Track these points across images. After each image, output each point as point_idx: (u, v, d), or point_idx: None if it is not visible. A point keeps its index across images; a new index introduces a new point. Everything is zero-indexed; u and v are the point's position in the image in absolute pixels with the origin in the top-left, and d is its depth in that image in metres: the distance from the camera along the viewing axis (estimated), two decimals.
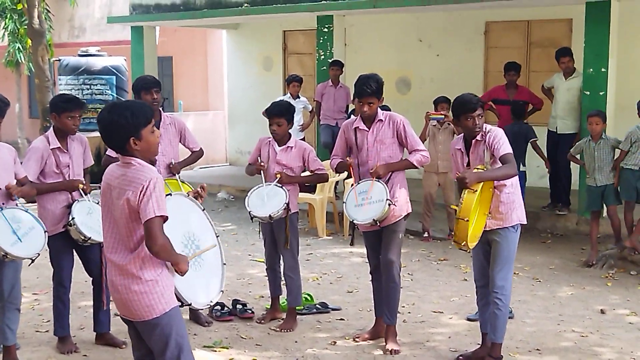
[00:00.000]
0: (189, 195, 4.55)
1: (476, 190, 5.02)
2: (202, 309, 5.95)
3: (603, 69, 9.93)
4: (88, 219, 5.53)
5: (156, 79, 6.67)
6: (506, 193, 5.40)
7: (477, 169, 5.18)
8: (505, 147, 5.29)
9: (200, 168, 15.66)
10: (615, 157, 8.48)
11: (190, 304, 4.08)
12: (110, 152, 6.25)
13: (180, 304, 3.98)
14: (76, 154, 5.83)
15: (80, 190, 5.70)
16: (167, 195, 4.49)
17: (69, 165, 5.72)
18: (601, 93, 9.91)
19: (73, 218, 5.49)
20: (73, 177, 5.74)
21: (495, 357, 5.47)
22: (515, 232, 5.48)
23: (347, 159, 5.97)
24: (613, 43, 10.04)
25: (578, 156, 8.74)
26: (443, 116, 9.20)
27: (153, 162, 6.23)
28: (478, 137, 5.39)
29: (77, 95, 14.00)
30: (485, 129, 5.39)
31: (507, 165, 5.23)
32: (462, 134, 5.54)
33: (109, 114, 3.82)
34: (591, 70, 9.99)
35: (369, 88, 5.72)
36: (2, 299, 5.42)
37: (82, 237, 5.52)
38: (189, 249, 4.18)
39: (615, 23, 10.04)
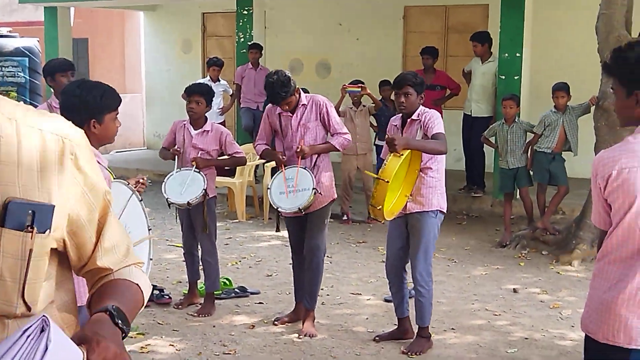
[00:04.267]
0: (129, 184, 4.46)
1: (402, 155, 5.03)
2: None
3: (518, 54, 10.16)
4: None
5: (71, 62, 6.48)
6: (430, 177, 5.45)
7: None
8: (438, 127, 5.33)
9: (117, 152, 15.37)
10: (527, 141, 8.70)
11: None
12: None
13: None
14: None
15: None
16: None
17: None
18: (516, 77, 10.14)
19: None
20: None
21: (425, 336, 5.59)
22: (435, 218, 5.53)
23: (282, 157, 5.88)
24: (527, 29, 10.27)
25: (492, 139, 8.92)
26: (359, 89, 9.24)
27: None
28: (414, 117, 5.43)
29: None
30: (422, 110, 5.44)
31: (438, 141, 5.27)
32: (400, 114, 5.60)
33: (78, 89, 3.71)
34: (506, 55, 10.20)
35: (282, 92, 5.64)
36: None
37: None
38: None
39: (529, 9, 10.28)
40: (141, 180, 4.51)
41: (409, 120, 5.47)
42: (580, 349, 3.34)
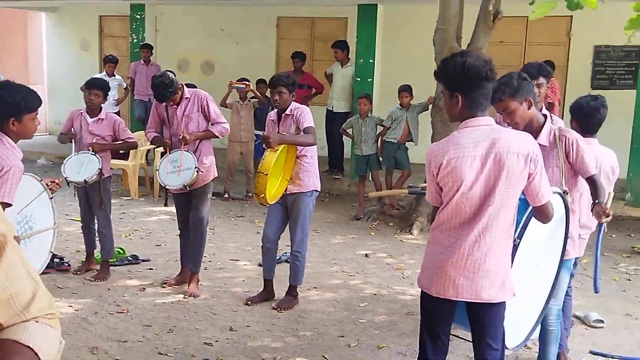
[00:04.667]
0: (42, 180, 4.26)
1: (277, 150, 5.05)
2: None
3: (371, 60, 10.37)
4: None
5: None
6: (306, 162, 5.46)
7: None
8: (309, 121, 5.34)
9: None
10: (377, 132, 8.91)
11: None
12: None
13: None
14: None
15: None
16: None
17: None
18: (369, 80, 10.35)
19: None
20: None
21: (293, 295, 5.64)
22: (311, 197, 5.55)
23: (165, 140, 5.81)
24: (379, 39, 10.50)
25: (350, 131, 9.07)
26: (244, 86, 9.20)
27: None
28: (288, 112, 5.41)
29: None
30: (295, 106, 5.42)
31: (307, 135, 5.30)
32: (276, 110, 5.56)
33: (1, 90, 3.57)
34: (361, 60, 10.39)
35: (167, 92, 5.58)
36: None
37: None
38: (22, 227, 3.92)
39: (381, 23, 10.50)
40: (56, 181, 4.40)
41: (283, 115, 5.46)
42: (418, 302, 3.45)
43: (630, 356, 4.79)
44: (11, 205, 3.48)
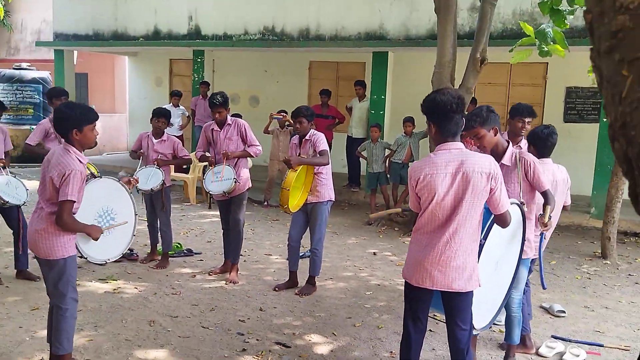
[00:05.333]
0: (120, 180, 4.35)
1: (297, 170, 5.12)
2: (98, 264, 5.74)
3: (383, 96, 10.40)
4: (6, 188, 5.17)
5: (65, 90, 6.26)
6: (322, 178, 5.50)
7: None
8: (323, 145, 5.39)
9: (107, 154, 14.96)
10: (386, 154, 8.93)
11: (86, 258, 3.88)
12: (29, 140, 5.87)
13: (80, 255, 3.80)
14: None
15: (1, 167, 5.31)
16: (97, 176, 4.27)
17: None
18: (381, 112, 10.38)
19: None
20: None
21: (312, 283, 5.66)
22: (326, 205, 5.58)
23: (209, 156, 5.89)
24: (390, 80, 10.53)
25: (364, 153, 9.11)
26: (281, 116, 9.27)
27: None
28: (307, 137, 5.46)
29: (10, 99, 13.07)
30: (312, 132, 5.47)
31: (322, 157, 5.34)
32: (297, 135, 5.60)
33: (66, 107, 3.60)
34: (375, 96, 10.43)
35: (217, 101, 5.68)
36: None
37: (2, 201, 5.15)
38: (104, 219, 3.99)
39: (391, 66, 10.54)
40: (132, 180, 4.49)
41: (303, 140, 5.52)
42: None
43: (585, 340, 4.72)
44: (75, 202, 3.48)
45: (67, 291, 3.68)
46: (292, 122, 9.42)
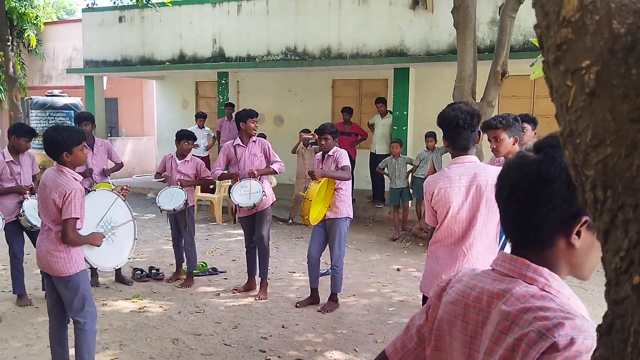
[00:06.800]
0: (113, 190, 4.48)
1: (320, 182, 5.18)
2: (109, 271, 5.90)
3: (405, 112, 10.42)
4: (34, 212, 5.33)
5: (91, 115, 6.46)
6: (341, 194, 5.53)
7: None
8: (345, 161, 5.43)
9: (137, 176, 15.26)
10: (408, 170, 8.91)
11: (96, 268, 4.01)
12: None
13: (89, 267, 3.91)
14: (26, 165, 5.59)
15: (28, 192, 5.48)
16: (92, 190, 4.42)
17: (20, 173, 5.49)
18: (404, 127, 10.39)
19: (23, 211, 5.30)
20: (24, 182, 5.50)
21: (334, 300, 5.67)
22: (345, 222, 5.59)
23: (232, 173, 5.99)
24: (411, 96, 10.55)
25: (385, 169, 9.09)
26: (310, 136, 9.36)
27: (90, 170, 6.10)
28: (330, 153, 5.52)
29: (43, 125, 13.49)
30: (336, 149, 5.52)
31: (344, 171, 5.38)
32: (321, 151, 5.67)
33: (53, 132, 3.72)
34: (397, 112, 10.46)
35: (246, 112, 5.94)
36: None
37: (30, 225, 5.33)
38: (104, 228, 4.13)
39: (412, 82, 10.57)
40: (125, 187, 4.58)
41: (326, 155, 5.58)
42: None
43: None
44: (78, 218, 3.62)
45: (83, 305, 3.79)
46: (319, 140, 9.67)
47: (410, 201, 8.96)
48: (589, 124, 0.72)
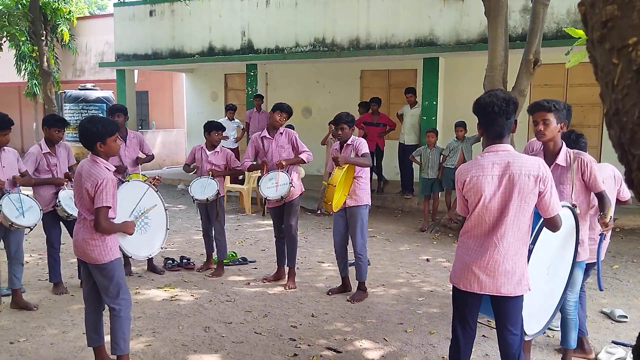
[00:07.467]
0: (145, 181, 4.55)
1: (343, 168, 5.19)
2: (142, 260, 6.01)
3: (434, 102, 10.31)
4: (70, 202, 5.45)
5: (123, 107, 6.56)
6: (361, 182, 5.53)
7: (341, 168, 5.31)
8: (365, 149, 5.42)
9: (167, 168, 15.46)
10: (440, 160, 8.83)
11: (130, 257, 4.08)
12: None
13: (123, 256, 3.98)
14: (62, 156, 5.69)
15: (67, 181, 5.60)
16: (125, 181, 4.50)
17: (56, 165, 5.61)
18: (433, 118, 10.29)
19: (59, 201, 5.41)
20: (60, 174, 5.62)
21: (362, 289, 5.67)
22: (365, 209, 5.59)
23: (260, 163, 6.01)
24: (441, 86, 10.43)
25: (418, 158, 9.02)
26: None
27: (125, 167, 6.21)
28: (348, 142, 5.51)
29: (76, 118, 13.74)
30: (353, 138, 5.51)
31: (365, 158, 5.37)
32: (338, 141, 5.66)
33: (87, 122, 3.78)
34: (427, 102, 10.35)
35: (279, 105, 5.92)
36: (9, 256, 5.31)
37: (66, 215, 5.45)
38: (136, 216, 4.20)
39: (442, 72, 10.44)
40: (157, 177, 4.65)
41: (345, 145, 5.56)
42: None
43: None
44: (110, 207, 3.68)
45: (119, 292, 3.86)
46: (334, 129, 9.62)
47: (440, 192, 8.88)
48: (637, 102, 0.70)
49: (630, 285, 6.11)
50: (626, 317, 5.09)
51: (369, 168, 5.55)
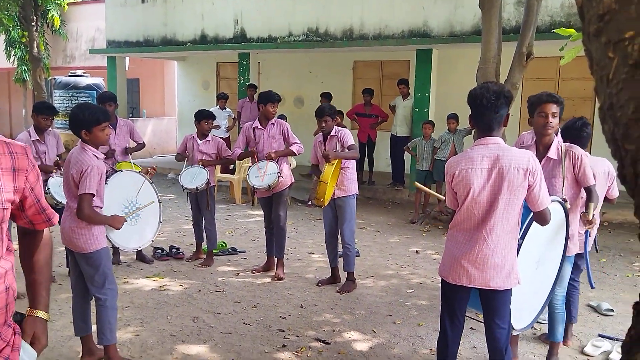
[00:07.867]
0: (140, 172, 4.51)
1: (333, 164, 5.19)
2: (131, 252, 6.01)
3: (427, 94, 10.30)
4: (59, 189, 5.39)
5: (113, 95, 6.48)
6: (349, 173, 5.55)
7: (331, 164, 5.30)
8: (350, 140, 5.44)
9: (158, 156, 15.37)
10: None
11: (118, 247, 4.03)
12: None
13: (112, 246, 3.93)
14: (51, 144, 5.64)
15: (56, 168, 5.54)
16: (119, 171, 4.45)
17: (45, 152, 5.55)
18: (425, 110, 10.28)
19: (48, 188, 5.35)
20: (49, 161, 5.56)
21: (351, 280, 5.68)
22: (353, 199, 5.61)
23: (253, 149, 5.97)
24: (433, 77, 10.41)
25: (414, 150, 8.99)
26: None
27: (113, 151, 6.15)
28: (332, 134, 5.50)
29: (66, 105, 13.61)
30: (337, 129, 5.51)
31: (353, 150, 5.39)
32: (321, 133, 5.64)
33: (77, 108, 3.71)
34: (419, 94, 10.34)
35: (270, 94, 5.88)
36: None
37: (55, 202, 5.39)
38: (129, 209, 4.16)
39: (435, 63, 10.42)
40: (152, 168, 4.60)
41: (329, 136, 5.55)
42: None
43: None
44: (94, 195, 3.63)
45: (104, 282, 3.83)
46: (342, 123, 9.61)
47: (432, 184, 8.88)
48: (631, 96, 0.68)
49: (617, 279, 6.16)
50: (613, 310, 5.13)
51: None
